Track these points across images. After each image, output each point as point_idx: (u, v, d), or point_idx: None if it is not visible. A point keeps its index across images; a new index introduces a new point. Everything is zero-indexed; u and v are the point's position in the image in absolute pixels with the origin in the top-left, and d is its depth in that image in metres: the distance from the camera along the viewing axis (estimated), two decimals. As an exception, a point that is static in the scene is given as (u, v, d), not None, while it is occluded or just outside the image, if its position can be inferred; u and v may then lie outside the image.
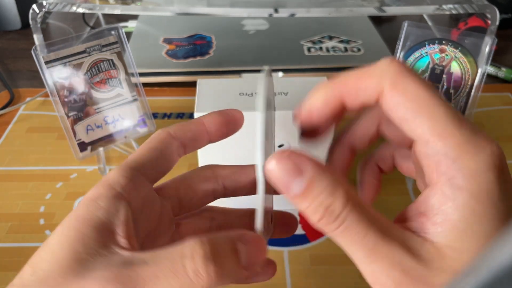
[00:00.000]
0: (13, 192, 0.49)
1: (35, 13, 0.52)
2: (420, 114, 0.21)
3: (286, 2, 0.56)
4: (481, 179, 0.19)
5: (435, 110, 0.20)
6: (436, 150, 0.20)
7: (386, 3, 0.55)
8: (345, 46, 0.73)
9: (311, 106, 0.24)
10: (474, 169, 0.20)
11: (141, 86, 0.52)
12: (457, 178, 0.20)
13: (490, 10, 0.51)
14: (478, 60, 0.47)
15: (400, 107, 0.21)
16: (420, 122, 0.21)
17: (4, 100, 0.63)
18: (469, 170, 0.20)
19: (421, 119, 0.21)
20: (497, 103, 0.63)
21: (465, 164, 0.20)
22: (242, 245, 0.22)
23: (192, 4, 0.55)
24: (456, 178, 0.20)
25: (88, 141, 0.50)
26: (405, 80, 0.21)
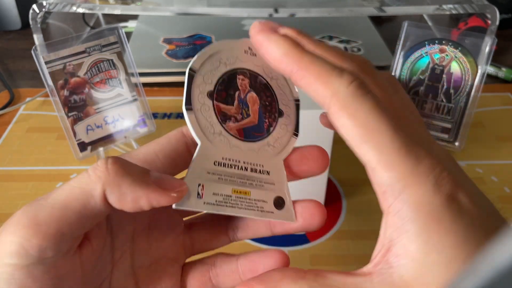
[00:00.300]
0: (13, 192, 0.49)
1: (35, 13, 0.52)
2: (366, 142, 0.20)
3: (286, 2, 0.56)
4: (428, 209, 0.20)
5: (381, 138, 0.20)
6: (382, 180, 0.20)
7: (386, 3, 0.55)
8: (345, 46, 0.73)
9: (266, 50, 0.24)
10: (419, 202, 0.20)
11: (141, 86, 0.52)
12: (404, 211, 0.20)
13: (490, 10, 0.51)
14: (478, 60, 0.47)
15: (347, 129, 0.21)
16: (367, 150, 0.20)
17: (4, 100, 0.63)
18: (414, 203, 0.20)
19: (367, 146, 0.20)
20: (497, 103, 0.63)
21: (410, 196, 0.20)
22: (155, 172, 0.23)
23: (192, 4, 0.55)
24: (404, 210, 0.20)
25: (88, 141, 0.50)
26: (357, 103, 0.21)
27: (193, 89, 0.25)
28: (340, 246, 0.44)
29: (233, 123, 0.26)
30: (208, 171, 0.25)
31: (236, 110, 0.26)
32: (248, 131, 0.26)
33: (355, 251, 0.43)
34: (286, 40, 0.23)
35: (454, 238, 0.19)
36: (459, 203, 0.20)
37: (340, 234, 0.45)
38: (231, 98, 0.26)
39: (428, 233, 0.19)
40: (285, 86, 0.27)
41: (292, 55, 0.23)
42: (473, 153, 0.54)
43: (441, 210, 0.20)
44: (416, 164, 0.20)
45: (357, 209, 0.47)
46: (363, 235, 0.44)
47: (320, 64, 0.22)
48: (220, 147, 0.25)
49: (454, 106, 0.49)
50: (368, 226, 0.45)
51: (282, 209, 0.26)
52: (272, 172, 0.26)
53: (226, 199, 0.25)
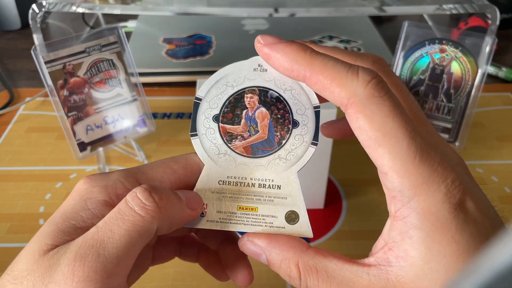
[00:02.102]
0: (13, 192, 0.49)
1: (35, 13, 0.52)
2: (382, 146, 0.20)
3: (286, 2, 0.56)
4: (435, 219, 0.20)
5: (397, 143, 0.20)
6: (393, 185, 0.20)
7: (387, 3, 0.55)
8: (345, 46, 0.72)
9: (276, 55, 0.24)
10: (427, 210, 0.20)
11: (141, 86, 0.52)
12: (411, 217, 0.20)
13: (490, 10, 0.50)
14: (479, 60, 0.47)
15: (363, 132, 0.21)
16: (381, 154, 0.20)
17: (4, 100, 0.63)
18: (422, 211, 0.20)
19: (382, 151, 0.20)
20: (497, 103, 0.63)
21: (419, 204, 0.20)
22: (180, 192, 0.24)
23: (192, 4, 0.55)
24: (411, 217, 0.20)
25: (88, 141, 0.50)
26: (374, 105, 0.20)
27: (198, 116, 0.26)
28: (340, 246, 0.43)
29: (240, 142, 0.26)
30: (212, 191, 0.26)
31: (243, 129, 0.26)
32: (256, 147, 0.26)
33: (355, 251, 0.43)
34: (292, 46, 0.23)
35: (456, 248, 0.20)
36: (466, 212, 0.20)
37: (340, 234, 0.45)
38: (237, 118, 0.26)
39: (431, 242, 0.20)
40: (301, 94, 0.26)
41: (302, 60, 0.22)
42: (473, 153, 0.54)
43: (448, 220, 0.20)
44: (430, 173, 0.20)
45: (357, 209, 0.47)
46: (363, 235, 0.44)
47: (333, 64, 0.21)
48: (225, 166, 0.26)
49: (454, 106, 0.49)
50: (368, 226, 0.45)
51: (295, 224, 0.26)
52: (283, 186, 0.26)
53: (230, 216, 0.25)
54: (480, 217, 0.20)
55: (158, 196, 0.22)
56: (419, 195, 0.20)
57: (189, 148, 0.58)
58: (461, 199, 0.20)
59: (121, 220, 0.22)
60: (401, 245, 0.20)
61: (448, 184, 0.20)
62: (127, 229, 0.21)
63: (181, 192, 0.24)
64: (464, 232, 0.20)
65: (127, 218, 0.22)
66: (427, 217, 0.20)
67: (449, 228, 0.20)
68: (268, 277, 0.40)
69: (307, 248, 0.23)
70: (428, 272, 0.20)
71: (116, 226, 0.21)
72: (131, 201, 0.22)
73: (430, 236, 0.20)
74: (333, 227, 0.45)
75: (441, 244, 0.20)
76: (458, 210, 0.20)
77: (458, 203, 0.20)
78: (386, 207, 0.22)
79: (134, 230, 0.21)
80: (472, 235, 0.20)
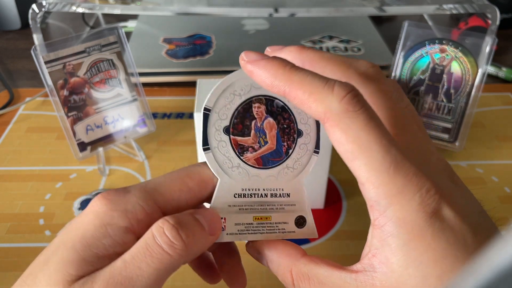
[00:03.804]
0: (13, 192, 0.49)
1: (35, 13, 0.52)
2: (357, 158, 0.21)
3: (286, 1, 0.56)
4: (410, 227, 0.20)
5: (372, 156, 0.21)
6: (370, 195, 0.21)
7: (387, 3, 0.55)
8: (345, 46, 0.72)
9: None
10: (402, 219, 0.21)
11: (141, 86, 0.52)
12: (388, 226, 0.21)
13: (490, 10, 0.50)
14: (479, 60, 0.47)
15: (340, 145, 0.21)
16: (358, 166, 0.21)
17: (4, 100, 0.63)
18: (398, 220, 0.21)
19: (359, 163, 0.21)
20: (497, 103, 0.63)
21: (395, 214, 0.21)
22: (199, 215, 0.24)
23: (192, 4, 0.55)
24: (388, 225, 0.21)
25: (88, 141, 0.50)
26: (349, 119, 0.21)
27: (209, 128, 0.26)
28: (340, 246, 0.43)
29: (251, 154, 0.27)
30: (229, 204, 0.26)
31: (253, 140, 0.27)
32: (266, 158, 0.27)
33: (355, 251, 0.43)
34: (273, 63, 0.23)
35: (432, 255, 0.20)
36: (442, 220, 0.21)
37: (340, 234, 0.45)
38: (247, 129, 0.26)
39: (408, 249, 0.20)
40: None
41: (281, 76, 0.23)
42: (473, 153, 0.54)
43: (423, 228, 0.20)
44: (404, 183, 0.21)
45: (357, 209, 0.47)
46: (363, 235, 0.44)
47: (310, 80, 0.22)
48: (239, 179, 0.26)
49: (454, 106, 0.49)
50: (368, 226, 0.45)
51: (303, 227, 0.27)
52: (292, 194, 0.27)
53: (247, 227, 0.26)
54: (458, 224, 0.21)
55: (185, 234, 0.23)
56: (394, 205, 0.21)
57: (189, 148, 0.58)
58: (436, 208, 0.21)
59: (150, 258, 0.22)
60: (382, 252, 0.21)
61: (423, 194, 0.21)
62: (156, 268, 0.22)
63: (202, 217, 0.24)
64: (440, 239, 0.20)
65: (155, 256, 0.22)
66: (402, 226, 0.21)
67: (424, 235, 0.20)
68: (268, 277, 0.40)
69: (302, 256, 0.24)
70: (407, 278, 0.20)
71: (145, 263, 0.22)
72: (159, 238, 0.22)
73: (407, 244, 0.20)
74: (333, 227, 0.45)
75: (418, 251, 0.20)
76: (433, 218, 0.20)
77: (433, 212, 0.21)
78: None
79: (162, 268, 0.22)
80: (448, 242, 0.20)
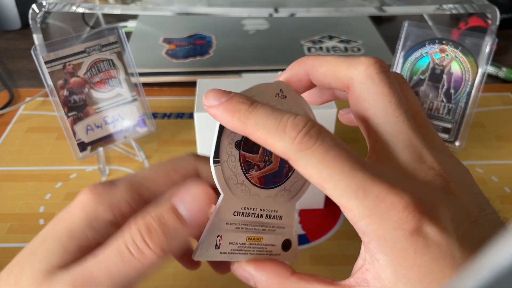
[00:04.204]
0: (13, 192, 0.49)
1: (35, 13, 0.52)
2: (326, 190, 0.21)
3: (286, 1, 0.56)
4: (391, 245, 0.20)
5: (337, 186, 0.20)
6: (348, 217, 0.21)
7: (387, 3, 0.55)
8: (345, 46, 0.72)
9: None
10: (382, 237, 0.20)
11: (141, 86, 0.52)
12: (373, 244, 0.21)
13: (490, 10, 0.50)
14: (479, 60, 0.47)
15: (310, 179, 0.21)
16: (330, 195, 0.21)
17: (4, 100, 0.63)
18: (379, 238, 0.21)
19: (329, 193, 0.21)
20: (497, 103, 0.63)
21: (375, 233, 0.21)
22: (180, 205, 0.24)
23: (192, 4, 0.55)
24: (372, 243, 0.21)
25: (88, 141, 0.50)
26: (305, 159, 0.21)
27: (223, 140, 0.25)
28: (340, 246, 0.43)
29: (256, 172, 0.26)
30: (227, 222, 0.25)
31: (260, 158, 0.26)
32: (268, 178, 0.26)
33: (355, 251, 0.43)
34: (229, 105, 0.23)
35: (418, 271, 0.20)
36: (425, 236, 0.20)
37: (340, 234, 0.45)
38: (256, 145, 0.26)
39: (395, 266, 0.20)
40: None
41: (238, 120, 0.22)
42: (473, 153, 0.54)
43: (405, 245, 0.20)
44: (376, 204, 0.20)
45: (357, 209, 0.47)
46: (363, 235, 0.44)
47: (264, 122, 0.22)
48: (241, 196, 0.26)
49: (454, 106, 0.49)
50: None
51: (288, 251, 0.27)
52: (284, 216, 0.27)
53: (240, 247, 0.26)
54: (444, 239, 0.20)
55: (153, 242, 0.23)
56: (371, 225, 0.20)
57: (189, 148, 0.58)
58: (416, 225, 0.20)
59: (120, 261, 0.22)
60: (373, 267, 0.21)
61: (399, 212, 0.20)
62: (125, 271, 0.22)
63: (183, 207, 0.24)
64: (424, 256, 0.20)
65: (125, 260, 0.22)
66: (384, 244, 0.21)
67: (407, 253, 0.20)
68: None
69: (291, 274, 0.24)
70: None
71: (115, 266, 0.22)
72: (130, 246, 0.22)
73: (393, 261, 0.20)
74: (333, 227, 0.45)
75: (403, 267, 0.20)
76: (414, 236, 0.20)
77: (413, 229, 0.20)
78: None
79: (132, 271, 0.22)
80: (434, 258, 0.20)
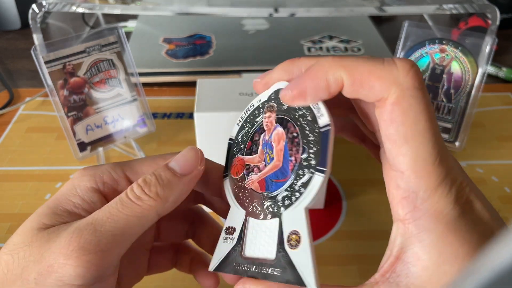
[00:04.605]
0: (13, 192, 0.49)
1: (35, 13, 0.52)
2: (408, 143, 0.20)
3: (286, 1, 0.56)
4: (447, 220, 0.20)
5: (423, 144, 0.20)
6: (408, 185, 0.20)
7: (387, 3, 0.55)
8: (345, 46, 0.72)
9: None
10: (440, 211, 0.20)
11: (141, 86, 0.52)
12: (423, 220, 0.20)
13: (490, 10, 0.50)
14: (479, 60, 0.47)
15: (393, 125, 0.20)
16: (404, 152, 0.20)
17: (4, 100, 0.63)
18: (435, 213, 0.20)
19: (406, 149, 0.20)
20: (497, 103, 0.63)
21: (432, 206, 0.20)
22: (173, 162, 0.25)
23: (192, 3, 0.55)
24: (423, 219, 0.20)
25: (88, 141, 0.50)
26: (413, 99, 0.20)
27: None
28: (340, 246, 0.43)
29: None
30: None
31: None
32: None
33: (355, 251, 0.43)
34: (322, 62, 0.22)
35: (468, 249, 0.19)
36: (475, 212, 0.20)
37: (340, 234, 0.45)
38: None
39: (443, 244, 0.20)
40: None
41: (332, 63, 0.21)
42: (473, 153, 0.54)
43: (459, 221, 0.20)
44: (446, 175, 0.20)
45: (357, 209, 0.47)
46: (363, 236, 0.44)
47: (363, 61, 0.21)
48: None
49: (454, 106, 0.49)
50: (368, 226, 0.45)
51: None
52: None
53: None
54: (487, 216, 0.21)
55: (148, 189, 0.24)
56: (433, 197, 0.20)
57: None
58: (468, 200, 0.20)
59: (121, 206, 0.23)
60: (411, 250, 0.20)
61: (457, 186, 0.20)
62: (126, 213, 0.23)
63: (175, 163, 0.25)
64: (474, 232, 0.20)
65: (126, 205, 0.23)
66: (439, 219, 0.20)
67: (459, 229, 0.20)
68: None
69: None
70: (442, 275, 0.19)
71: (115, 209, 0.23)
72: (129, 193, 0.24)
73: (442, 239, 0.20)
74: (333, 227, 0.45)
75: (454, 246, 0.19)
76: (466, 210, 0.20)
77: (466, 203, 0.20)
78: (386, 207, 0.22)
79: (132, 215, 0.23)
80: (481, 234, 0.20)
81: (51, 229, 0.23)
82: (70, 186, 0.25)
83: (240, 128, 0.27)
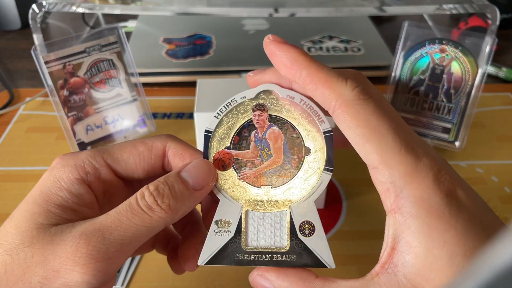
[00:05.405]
0: (13, 192, 0.49)
1: (35, 13, 0.52)
2: (369, 141, 0.22)
3: (286, 1, 0.56)
4: (428, 205, 0.21)
5: (383, 138, 0.21)
6: (384, 178, 0.22)
7: (387, 3, 0.55)
8: (345, 46, 0.72)
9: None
10: (420, 197, 0.21)
11: (141, 86, 0.52)
12: (406, 206, 0.21)
13: (490, 10, 0.50)
14: (479, 60, 0.47)
15: (350, 129, 0.22)
16: (369, 149, 0.22)
17: (4, 100, 0.63)
18: (415, 198, 0.21)
19: (370, 146, 0.22)
20: (497, 103, 0.63)
21: (411, 192, 0.21)
22: (185, 173, 0.25)
23: (192, 4, 0.55)
24: (406, 206, 0.21)
25: (88, 141, 0.50)
26: (359, 106, 0.22)
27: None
28: (340, 246, 0.43)
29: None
30: None
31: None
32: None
33: (355, 251, 0.43)
34: (295, 49, 0.25)
35: (454, 233, 0.20)
36: (458, 199, 0.21)
37: (340, 234, 0.45)
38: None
39: (429, 229, 0.20)
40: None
41: (301, 61, 0.24)
42: (473, 153, 0.54)
43: (442, 206, 0.20)
44: (416, 162, 0.21)
45: (357, 209, 0.47)
46: (363, 236, 0.44)
47: (326, 71, 0.24)
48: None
49: (454, 106, 0.49)
50: (368, 226, 0.45)
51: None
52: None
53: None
54: (471, 203, 0.21)
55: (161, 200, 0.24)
56: (410, 183, 0.21)
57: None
58: (450, 187, 0.21)
59: (131, 215, 0.23)
60: (402, 239, 0.21)
61: (436, 173, 0.21)
62: (136, 223, 0.23)
63: (188, 175, 0.25)
64: (459, 217, 0.20)
65: (136, 214, 0.23)
66: (421, 204, 0.21)
67: (443, 214, 0.20)
68: None
69: (315, 278, 0.24)
70: (432, 260, 0.20)
71: (126, 218, 0.23)
72: (140, 201, 0.24)
73: (427, 223, 0.20)
74: (333, 227, 0.45)
75: (439, 230, 0.20)
76: (449, 196, 0.21)
77: (448, 191, 0.21)
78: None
79: (142, 225, 0.23)
80: (467, 220, 0.20)
81: (52, 230, 0.23)
82: (53, 178, 0.25)
83: (219, 121, 0.26)
